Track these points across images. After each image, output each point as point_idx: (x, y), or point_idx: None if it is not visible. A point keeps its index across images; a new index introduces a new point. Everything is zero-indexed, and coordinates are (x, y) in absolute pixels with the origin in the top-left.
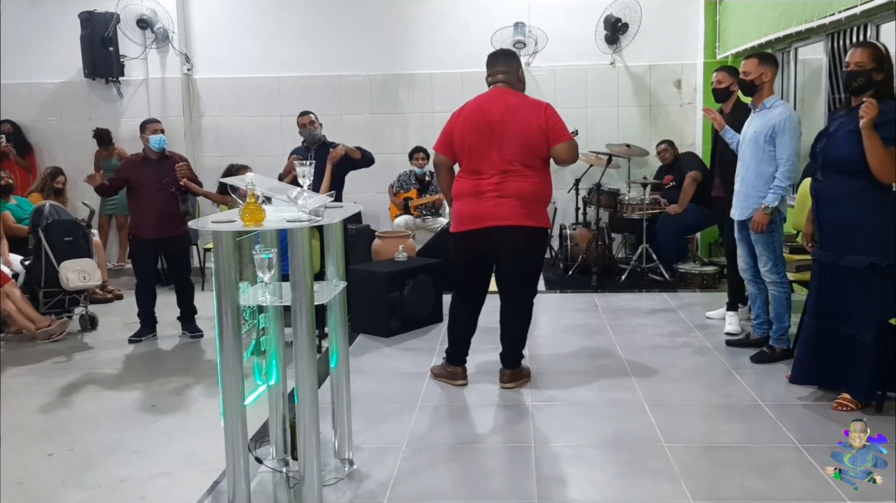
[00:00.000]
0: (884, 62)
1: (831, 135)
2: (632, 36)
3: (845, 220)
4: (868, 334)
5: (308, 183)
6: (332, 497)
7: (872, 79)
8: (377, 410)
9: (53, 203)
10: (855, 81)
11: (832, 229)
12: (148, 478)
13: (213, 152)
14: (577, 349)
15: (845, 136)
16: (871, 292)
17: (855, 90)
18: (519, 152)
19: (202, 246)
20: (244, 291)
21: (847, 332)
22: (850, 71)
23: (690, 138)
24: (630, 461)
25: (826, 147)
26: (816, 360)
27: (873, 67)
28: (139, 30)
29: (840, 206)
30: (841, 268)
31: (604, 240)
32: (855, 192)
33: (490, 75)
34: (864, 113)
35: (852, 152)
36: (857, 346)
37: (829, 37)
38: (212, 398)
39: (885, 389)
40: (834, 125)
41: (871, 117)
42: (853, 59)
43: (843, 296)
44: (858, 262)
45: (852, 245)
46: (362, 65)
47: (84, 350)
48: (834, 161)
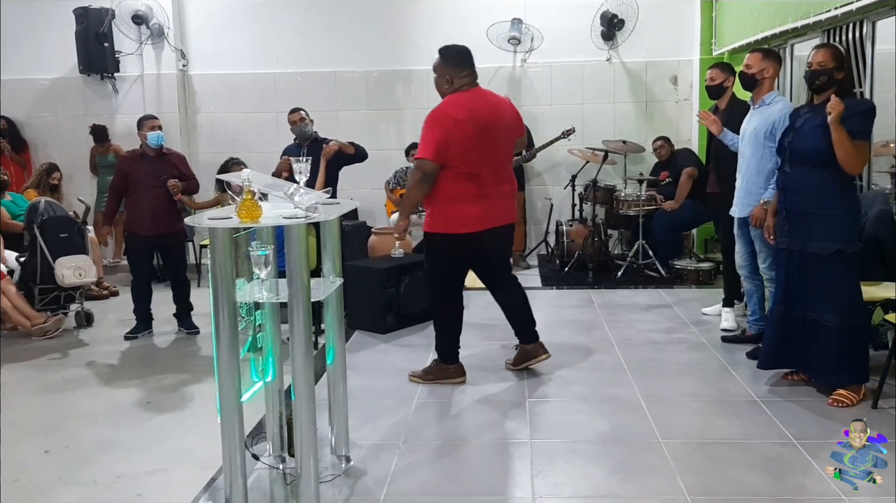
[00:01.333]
0: (843, 62)
1: (798, 129)
2: (628, 32)
3: (813, 209)
4: (832, 318)
5: (304, 179)
6: (329, 493)
7: (834, 77)
8: (374, 407)
9: (49, 199)
10: (818, 80)
11: (800, 218)
12: (144, 474)
13: (209, 148)
14: (573, 345)
15: (811, 131)
16: (835, 278)
17: (817, 88)
18: (509, 150)
19: (198, 242)
20: (240, 288)
21: (811, 318)
22: (813, 70)
23: (686, 134)
24: (626, 457)
25: (794, 141)
26: (782, 345)
27: (834, 66)
28: (134, 25)
29: (808, 196)
30: (807, 255)
31: (600, 236)
32: (822, 183)
33: (467, 75)
34: (831, 109)
35: (819, 145)
36: (820, 331)
37: (825, 33)
38: (208, 395)
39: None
40: (800, 121)
41: (839, 113)
42: (815, 59)
43: (809, 283)
44: (825, 249)
45: (820, 233)
46: (358, 61)
47: (79, 347)
48: (802, 154)
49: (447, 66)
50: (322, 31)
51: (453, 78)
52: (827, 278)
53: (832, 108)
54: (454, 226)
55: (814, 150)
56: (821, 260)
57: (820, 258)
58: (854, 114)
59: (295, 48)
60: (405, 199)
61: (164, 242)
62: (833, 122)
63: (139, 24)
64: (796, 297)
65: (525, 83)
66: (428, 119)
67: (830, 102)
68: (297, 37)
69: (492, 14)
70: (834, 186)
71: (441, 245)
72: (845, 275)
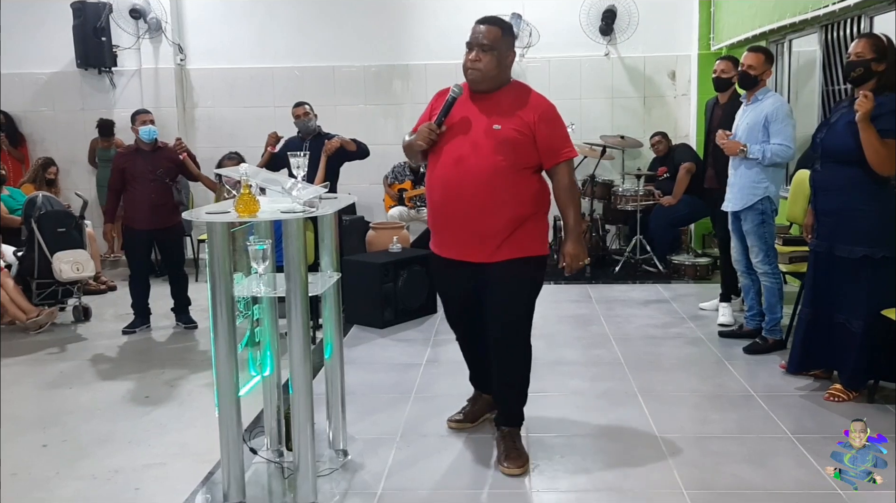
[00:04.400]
0: (886, 53)
1: (832, 125)
2: (626, 27)
3: (841, 209)
4: (857, 323)
5: (302, 174)
6: (327, 487)
7: (872, 69)
8: (371, 401)
9: (46, 194)
10: (853, 71)
11: (828, 219)
12: (142, 468)
13: (207, 143)
14: (571, 339)
15: (844, 127)
16: (862, 283)
17: (854, 80)
18: None
19: (196, 237)
20: (238, 282)
21: (838, 321)
22: (850, 61)
23: (684, 129)
24: (622, 451)
25: (826, 137)
26: (810, 348)
27: (873, 58)
28: (132, 20)
29: (836, 196)
30: (835, 258)
31: (598, 231)
32: (851, 183)
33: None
34: (858, 106)
35: (850, 143)
36: (846, 335)
37: (822, 28)
38: (206, 389)
39: (878, 378)
40: (835, 116)
41: (867, 110)
42: (854, 49)
43: (836, 285)
44: (852, 253)
45: (847, 235)
46: (356, 55)
47: (77, 341)
48: (832, 151)
49: (513, 43)
50: (320, 25)
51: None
52: (853, 282)
53: (860, 106)
54: (546, 242)
55: (843, 148)
56: (848, 264)
57: (847, 261)
58: (887, 111)
59: (293, 43)
60: (578, 210)
61: (161, 237)
62: (861, 120)
63: (137, 19)
64: (823, 300)
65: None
66: (553, 110)
67: (859, 99)
68: (295, 31)
69: (489, 7)
70: (863, 186)
71: (542, 272)
72: (874, 281)
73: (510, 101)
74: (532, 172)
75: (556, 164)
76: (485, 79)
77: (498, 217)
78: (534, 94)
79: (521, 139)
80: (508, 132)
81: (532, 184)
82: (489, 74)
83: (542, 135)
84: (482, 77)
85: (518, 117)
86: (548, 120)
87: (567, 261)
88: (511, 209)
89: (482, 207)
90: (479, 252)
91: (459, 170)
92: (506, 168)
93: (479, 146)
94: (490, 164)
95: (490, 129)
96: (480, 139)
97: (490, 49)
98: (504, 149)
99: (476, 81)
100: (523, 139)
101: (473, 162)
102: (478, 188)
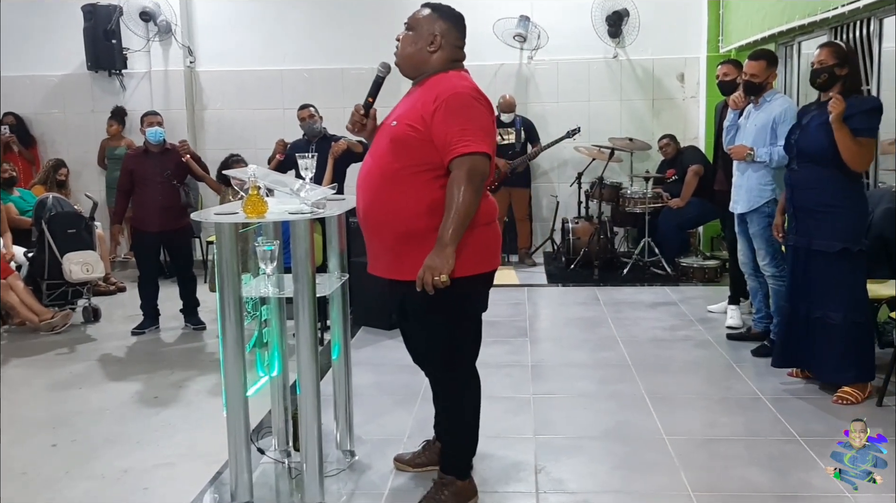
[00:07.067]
0: (847, 58)
1: (804, 127)
2: (634, 29)
3: (819, 206)
4: (836, 316)
5: (311, 175)
6: (334, 488)
7: (836, 74)
8: (379, 402)
9: (56, 195)
10: (819, 78)
11: (806, 215)
12: (150, 468)
13: (216, 145)
14: (579, 342)
15: (817, 129)
16: (840, 276)
17: (820, 86)
18: None
19: (205, 238)
20: (246, 283)
21: (816, 315)
22: (814, 69)
23: (693, 132)
24: (630, 453)
25: (800, 139)
26: (791, 343)
27: (835, 63)
28: (142, 22)
29: (814, 194)
30: (813, 253)
31: (606, 233)
32: (828, 181)
33: (463, 49)
34: (832, 108)
35: (824, 143)
36: (825, 328)
37: (832, 31)
38: (214, 390)
39: (887, 379)
40: (806, 118)
41: (839, 112)
42: (817, 58)
43: (815, 280)
44: (830, 247)
45: (824, 230)
46: (365, 57)
47: (87, 342)
48: (808, 151)
49: (452, 27)
50: (329, 27)
51: (455, 46)
52: (832, 276)
53: (832, 107)
54: (491, 258)
55: (818, 148)
56: (826, 257)
57: (825, 255)
58: (858, 111)
59: (302, 45)
60: (457, 218)
61: (170, 239)
62: (834, 121)
63: (147, 21)
64: (801, 295)
65: (531, 81)
66: (460, 97)
67: (831, 101)
68: (304, 34)
69: (497, 10)
70: (839, 184)
71: (477, 294)
72: (851, 273)
73: (424, 92)
74: (436, 177)
75: (450, 160)
76: (400, 60)
77: (388, 228)
78: (450, 83)
79: (413, 136)
80: (401, 128)
81: (433, 190)
82: (403, 54)
83: (436, 127)
84: (398, 58)
85: (417, 110)
86: (447, 109)
87: (419, 273)
88: (402, 221)
89: (374, 216)
90: (380, 265)
91: (362, 171)
92: (396, 171)
93: (377, 145)
94: (379, 167)
95: (389, 126)
96: (381, 137)
97: (409, 28)
98: (396, 148)
99: (397, 65)
100: (417, 136)
101: (369, 163)
102: (367, 193)
